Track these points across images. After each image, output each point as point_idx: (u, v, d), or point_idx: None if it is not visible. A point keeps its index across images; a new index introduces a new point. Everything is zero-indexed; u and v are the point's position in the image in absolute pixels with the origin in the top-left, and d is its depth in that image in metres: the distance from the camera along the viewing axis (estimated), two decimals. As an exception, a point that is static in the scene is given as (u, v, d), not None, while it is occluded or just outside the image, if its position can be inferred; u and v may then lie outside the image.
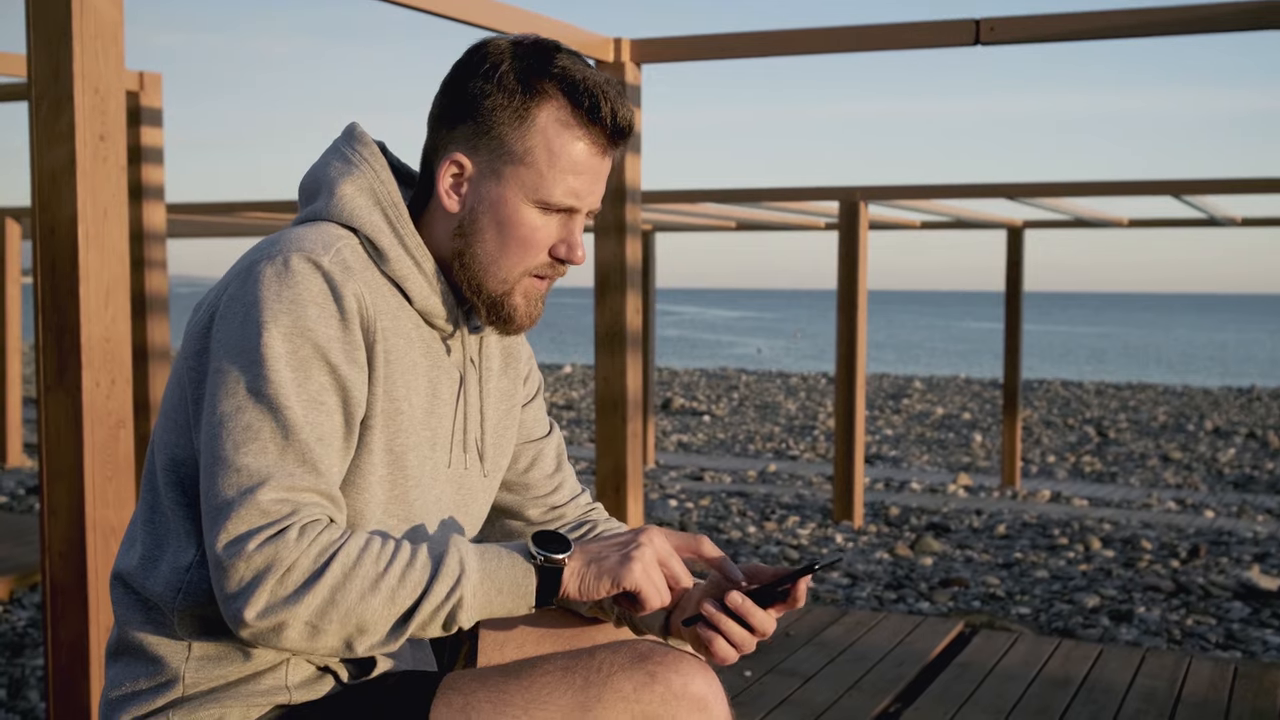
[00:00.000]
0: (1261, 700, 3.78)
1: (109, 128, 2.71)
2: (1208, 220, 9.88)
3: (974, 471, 12.33)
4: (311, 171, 1.64)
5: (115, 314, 2.74)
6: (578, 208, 1.59)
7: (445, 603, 1.43)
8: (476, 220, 1.59)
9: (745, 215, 10.07)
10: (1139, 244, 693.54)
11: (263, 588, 1.37)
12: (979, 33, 4.13)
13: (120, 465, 2.78)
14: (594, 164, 1.58)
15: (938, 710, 3.67)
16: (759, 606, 1.57)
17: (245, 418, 1.42)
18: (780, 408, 18.86)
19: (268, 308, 1.45)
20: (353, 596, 1.39)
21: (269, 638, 1.40)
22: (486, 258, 1.59)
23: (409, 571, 1.42)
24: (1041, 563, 6.96)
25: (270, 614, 1.38)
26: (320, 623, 1.39)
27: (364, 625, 1.40)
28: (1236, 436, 15.97)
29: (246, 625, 1.39)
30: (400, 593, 1.41)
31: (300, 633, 1.39)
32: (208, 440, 1.43)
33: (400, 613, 1.41)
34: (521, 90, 1.55)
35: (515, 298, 1.61)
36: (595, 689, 1.46)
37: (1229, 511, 9.69)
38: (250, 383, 1.43)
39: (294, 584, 1.38)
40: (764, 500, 9.33)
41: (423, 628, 1.43)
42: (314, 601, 1.38)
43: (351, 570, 1.40)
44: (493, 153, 1.56)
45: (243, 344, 1.44)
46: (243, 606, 1.38)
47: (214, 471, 1.42)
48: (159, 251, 5.93)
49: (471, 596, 1.44)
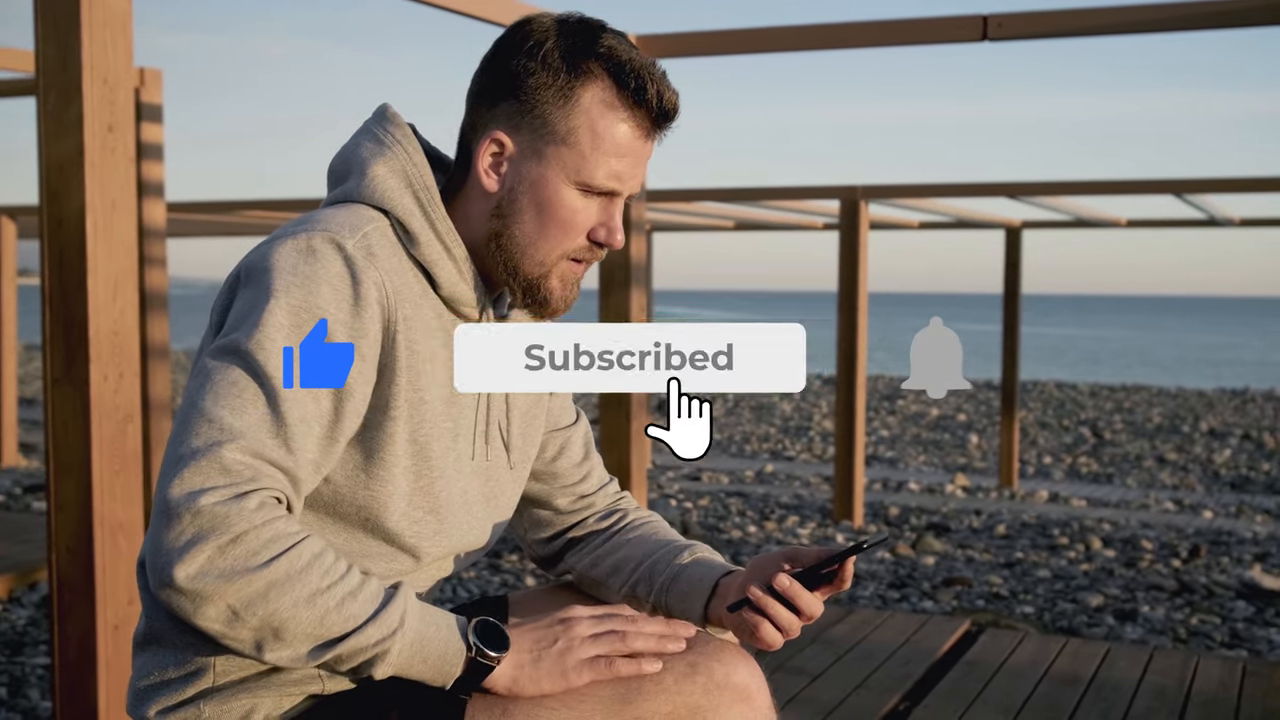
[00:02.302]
0: (1272, 699, 3.77)
1: (118, 119, 2.69)
2: (1207, 220, 9.88)
3: (971, 472, 12.32)
4: (341, 152, 1.61)
5: (124, 307, 2.72)
6: (619, 191, 1.56)
7: (371, 649, 1.38)
8: (516, 200, 1.56)
9: (743, 214, 10.06)
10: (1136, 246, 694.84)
11: (202, 549, 1.31)
12: (987, 28, 4.12)
13: (128, 459, 2.75)
14: (637, 147, 1.55)
15: (947, 708, 3.65)
16: (805, 589, 1.55)
17: (232, 374, 1.39)
18: (776, 409, 18.84)
19: (281, 279, 1.42)
20: (287, 601, 1.33)
21: (182, 604, 1.32)
22: (525, 239, 1.56)
23: (349, 601, 1.37)
24: (1043, 562, 6.95)
25: (200, 579, 1.31)
26: (243, 613, 1.32)
27: (283, 633, 1.34)
28: (1232, 438, 15.98)
29: (170, 585, 1.31)
30: (332, 617, 1.36)
31: (218, 613, 1.32)
32: (190, 389, 1.40)
33: (325, 638, 1.36)
34: (566, 69, 1.52)
35: (552, 281, 1.58)
36: (636, 680, 1.43)
37: (1227, 512, 9.69)
38: (239, 352, 1.40)
39: (234, 561, 1.32)
40: (763, 500, 9.31)
41: (337, 662, 1.38)
42: (247, 589, 1.32)
43: (297, 574, 1.34)
44: (535, 132, 1.53)
45: (249, 309, 1.42)
46: (173, 562, 1.31)
47: (187, 417, 1.37)
48: (159, 249, 5.91)
49: (397, 655, 1.39)
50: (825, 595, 1.58)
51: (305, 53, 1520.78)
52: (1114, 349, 53.40)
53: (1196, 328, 78.61)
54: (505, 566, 6.39)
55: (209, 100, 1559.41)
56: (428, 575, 1.64)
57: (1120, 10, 3.94)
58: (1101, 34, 3.97)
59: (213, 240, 13.50)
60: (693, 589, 1.70)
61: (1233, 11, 3.75)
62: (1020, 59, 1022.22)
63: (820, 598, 1.57)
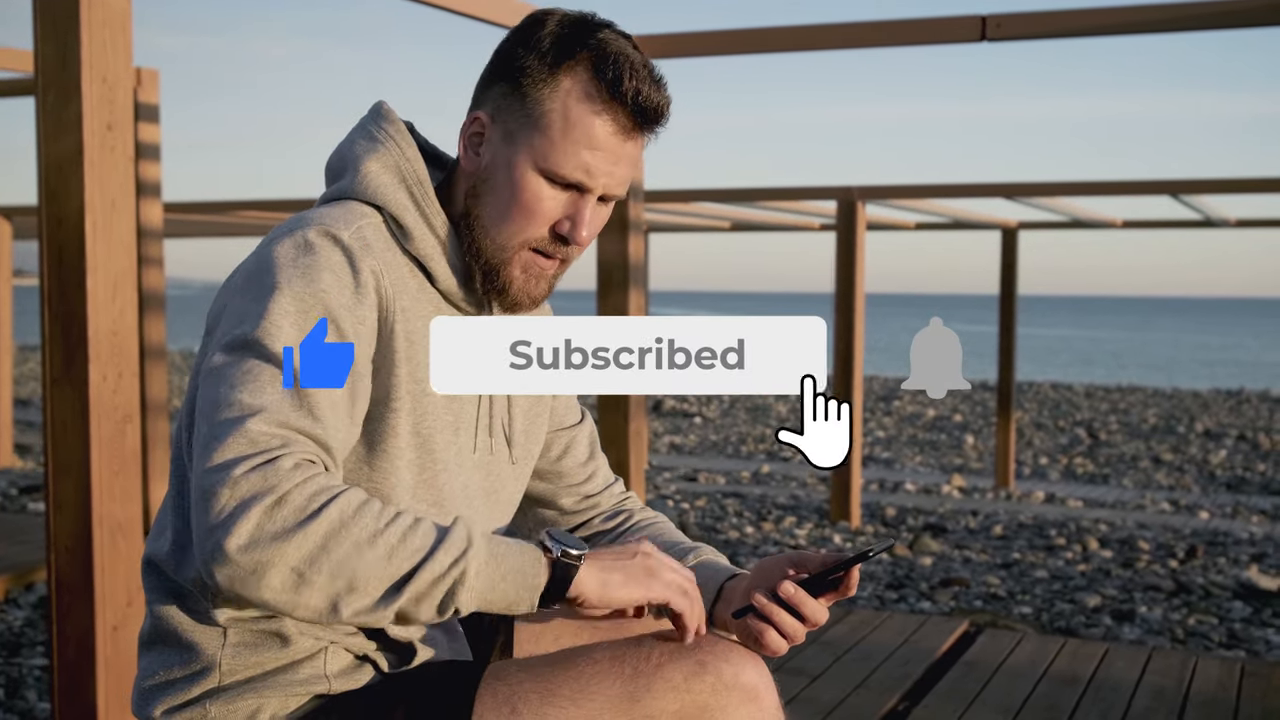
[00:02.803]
0: (1271, 699, 3.77)
1: (117, 118, 2.68)
2: (1203, 221, 9.89)
3: (967, 473, 12.32)
4: (338, 150, 1.61)
5: (123, 307, 2.71)
6: (588, 186, 1.52)
7: (446, 575, 1.31)
8: (487, 180, 1.54)
9: (740, 215, 10.05)
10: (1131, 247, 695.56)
11: (248, 516, 1.26)
12: (985, 29, 4.11)
13: (127, 460, 2.74)
14: (612, 143, 1.51)
15: (946, 708, 3.65)
16: (810, 596, 1.54)
17: (245, 364, 1.36)
18: (772, 410, 18.84)
19: (283, 272, 1.41)
20: (348, 546, 1.28)
21: (246, 582, 1.26)
22: (489, 220, 1.54)
23: (411, 534, 1.32)
24: (1040, 563, 6.95)
25: (254, 549, 1.25)
26: (308, 571, 1.26)
27: (356, 583, 1.28)
28: (1227, 438, 15.99)
29: (226, 560, 1.25)
30: (400, 552, 1.30)
31: (283, 580, 1.26)
32: (204, 387, 1.38)
33: (397, 576, 1.29)
34: (553, 56, 1.50)
35: (513, 269, 1.55)
36: (645, 678, 1.42)
37: (1223, 512, 9.69)
38: (249, 343, 1.38)
39: (285, 521, 1.26)
40: (759, 501, 9.31)
41: (416, 601, 1.31)
42: (306, 544, 1.26)
43: (350, 519, 1.29)
44: (513, 114, 1.52)
45: (252, 304, 1.40)
46: (224, 537, 1.25)
47: (206, 412, 1.35)
48: (155, 249, 5.90)
49: (475, 575, 1.33)
50: (830, 601, 1.57)
51: (305, 53, 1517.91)
52: (1109, 350, 53.46)
53: (1191, 328, 78.71)
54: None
55: (207, 101, 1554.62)
56: None
57: (1119, 11, 3.94)
58: (1101, 34, 3.97)
59: (209, 241, 13.49)
60: None
61: (1234, 12, 3.75)
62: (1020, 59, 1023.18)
63: (825, 604, 1.56)
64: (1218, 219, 9.53)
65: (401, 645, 1.57)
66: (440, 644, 1.62)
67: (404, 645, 1.57)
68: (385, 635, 1.56)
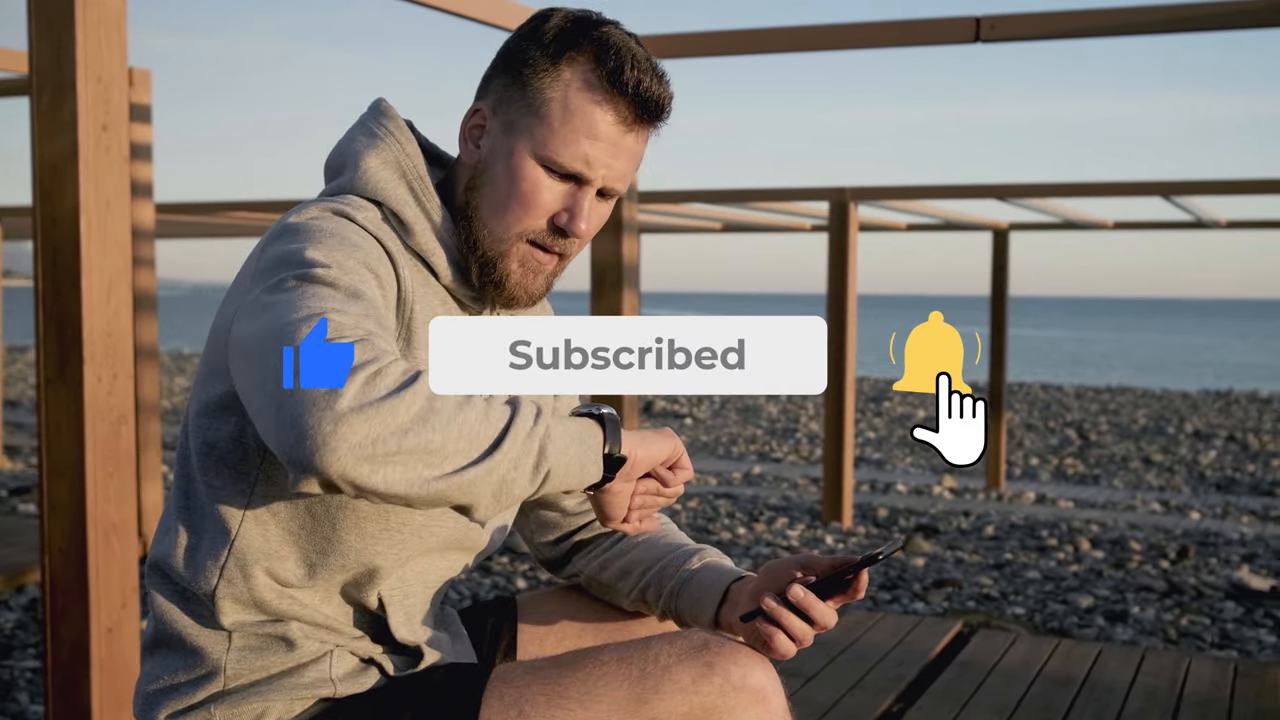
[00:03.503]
0: (1264, 699, 3.78)
1: (112, 118, 2.67)
2: (1193, 223, 9.91)
3: (958, 474, 12.33)
4: (337, 147, 1.60)
5: (118, 308, 2.70)
6: (587, 177, 1.51)
7: (535, 430, 1.31)
8: (487, 171, 1.54)
9: (731, 216, 10.05)
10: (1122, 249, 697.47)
11: (353, 380, 1.21)
12: (979, 30, 4.11)
13: (121, 461, 2.74)
14: (612, 134, 1.50)
15: (941, 709, 3.65)
16: (819, 599, 1.54)
17: (303, 287, 1.31)
18: (762, 410, 18.85)
19: (309, 233, 1.39)
20: (450, 405, 1.25)
21: (362, 447, 1.20)
22: (487, 211, 1.53)
23: (492, 401, 1.31)
24: (1032, 563, 6.96)
25: (365, 409, 1.21)
26: (417, 428, 1.23)
27: (461, 440, 1.25)
28: (1216, 439, 16.03)
29: (336, 417, 1.20)
30: (492, 413, 1.29)
31: (396, 439, 1.22)
32: (257, 318, 1.31)
33: (496, 432, 1.28)
34: (556, 47, 1.50)
35: (510, 263, 1.54)
36: (652, 680, 1.42)
37: (1214, 513, 9.71)
38: (297, 275, 1.33)
39: (388, 386, 1.23)
40: (751, 502, 9.31)
41: (515, 462, 1.29)
42: (414, 403, 1.23)
43: (435, 394, 1.27)
44: (514, 104, 1.52)
45: (282, 260, 1.37)
46: (332, 399, 1.20)
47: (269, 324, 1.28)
48: (147, 250, 5.88)
49: (556, 435, 1.33)
50: (839, 604, 1.57)
51: (297, 54, 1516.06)
52: (1099, 351, 53.56)
53: (1180, 329, 78.88)
54: (495, 568, 6.37)
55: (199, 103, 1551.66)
56: (433, 570, 1.62)
57: (1113, 12, 3.95)
58: (1094, 36, 3.97)
59: (198, 242, 13.46)
60: (703, 595, 1.69)
61: (1229, 14, 3.76)
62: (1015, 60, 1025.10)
63: (833, 606, 1.56)
64: (1208, 220, 9.55)
65: (407, 648, 1.56)
66: (445, 646, 1.61)
67: (409, 648, 1.56)
68: (391, 638, 1.55)
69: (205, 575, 1.48)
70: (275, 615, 1.50)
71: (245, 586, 1.48)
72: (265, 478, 1.47)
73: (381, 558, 1.52)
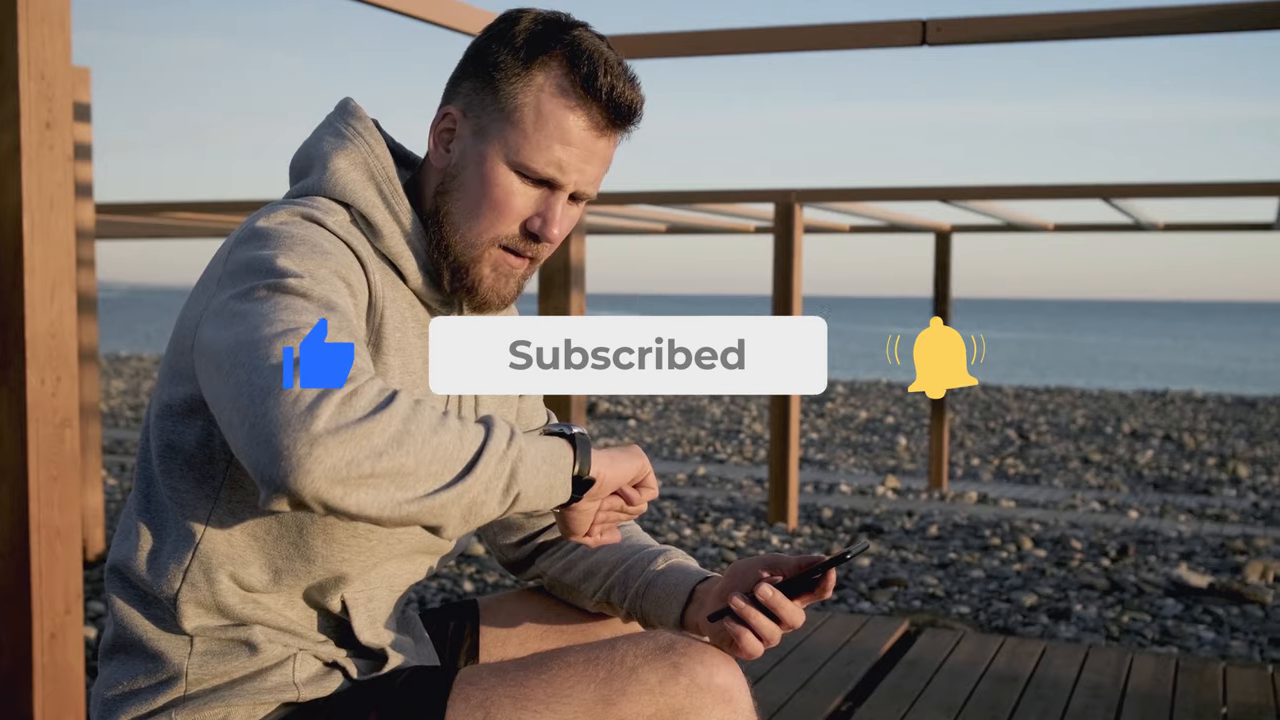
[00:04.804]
0: (1204, 693, 3.83)
1: (55, 115, 2.63)
2: (1132, 225, 10.04)
3: (900, 474, 12.42)
4: (304, 147, 1.58)
5: (61, 308, 2.66)
6: (560, 182, 1.51)
7: (508, 452, 1.30)
8: (457, 176, 1.52)
9: (676, 218, 10.06)
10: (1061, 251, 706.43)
11: (328, 402, 1.20)
12: (926, 33, 4.14)
13: (65, 465, 2.70)
14: (585, 139, 1.50)
15: (890, 708, 3.67)
16: (787, 599, 1.54)
17: (275, 297, 1.30)
18: (705, 412, 18.89)
19: (280, 244, 1.37)
20: (425, 428, 1.24)
21: (336, 470, 1.19)
22: (458, 216, 1.52)
23: (465, 422, 1.30)
24: (976, 563, 7.02)
25: (340, 431, 1.19)
26: (391, 450, 1.22)
27: (434, 463, 1.24)
28: (1153, 439, 16.26)
29: (311, 439, 1.18)
30: (466, 435, 1.28)
31: (369, 463, 1.21)
32: (226, 327, 1.29)
33: (469, 455, 1.27)
34: (527, 51, 1.49)
35: (483, 268, 1.53)
36: (619, 681, 1.41)
37: (1152, 511, 9.85)
38: (268, 285, 1.31)
39: (363, 409, 1.22)
40: (696, 503, 9.32)
41: (486, 485, 1.28)
42: (389, 426, 1.22)
43: (415, 407, 1.25)
44: (485, 109, 1.50)
45: (250, 274, 1.35)
46: (308, 420, 1.18)
47: (242, 336, 1.27)
48: (87, 250, 5.80)
49: (528, 457, 1.32)
50: (806, 604, 1.57)
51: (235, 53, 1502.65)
52: (1037, 352, 54.17)
53: (1116, 330, 79.96)
54: (442, 571, 6.34)
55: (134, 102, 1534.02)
56: (398, 573, 1.60)
57: (1059, 16, 3.99)
58: (1040, 40, 4.01)
59: (137, 243, 13.29)
60: (669, 596, 1.69)
61: (1170, 19, 3.81)
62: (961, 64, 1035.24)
63: (800, 605, 1.56)
64: (1147, 223, 9.68)
65: (371, 651, 1.55)
66: (408, 649, 1.60)
67: (373, 651, 1.55)
68: (354, 642, 1.54)
69: (168, 579, 1.46)
70: (238, 619, 1.48)
71: (209, 591, 1.46)
72: (231, 482, 1.45)
73: (348, 565, 1.51)
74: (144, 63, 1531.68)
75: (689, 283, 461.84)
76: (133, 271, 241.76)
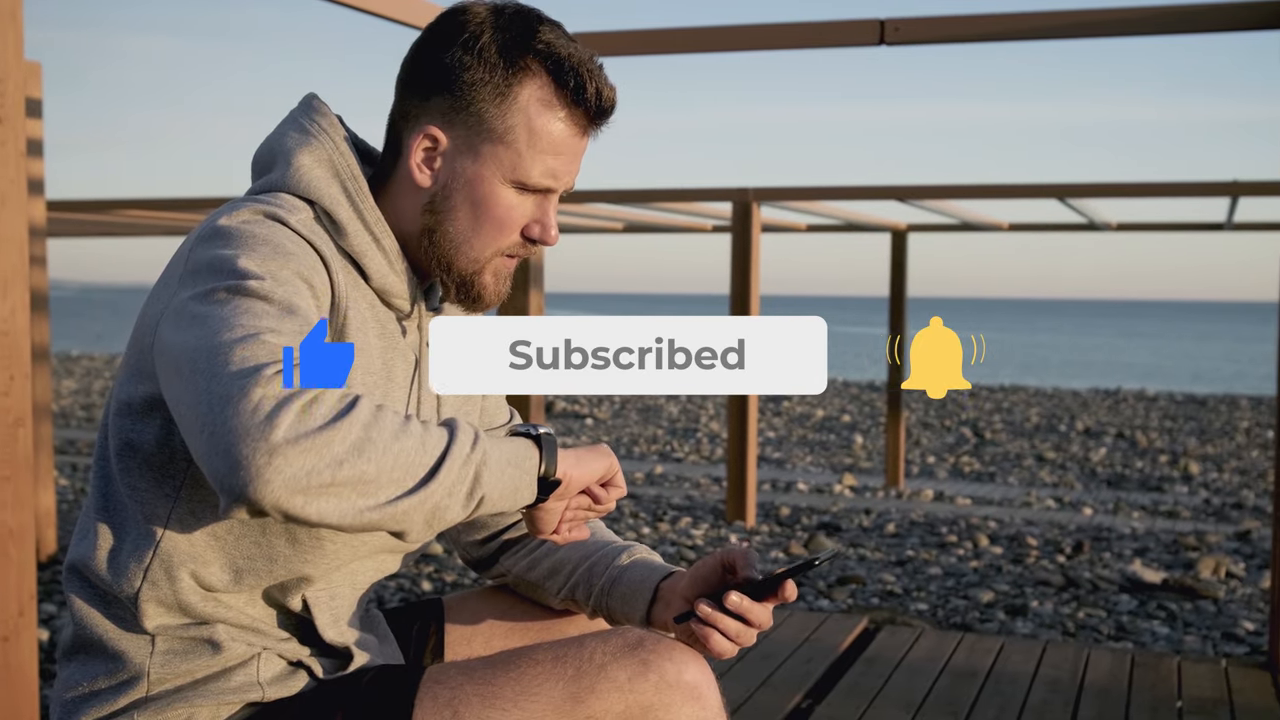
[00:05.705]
0: (1160, 688, 3.87)
1: (7, 111, 2.60)
2: (1086, 225, 10.13)
3: (857, 472, 12.48)
4: (266, 142, 1.56)
5: (15, 306, 2.64)
6: (554, 188, 1.54)
7: (471, 456, 1.29)
8: (450, 197, 1.52)
9: (633, 216, 10.06)
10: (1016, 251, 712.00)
11: (288, 410, 1.19)
12: (884, 33, 4.15)
13: (19, 465, 2.67)
14: (573, 144, 1.52)
15: (849, 705, 3.69)
16: (755, 603, 1.55)
17: (235, 300, 1.28)
18: (662, 410, 18.91)
19: (242, 244, 1.36)
20: (387, 434, 1.23)
21: (296, 479, 1.18)
22: (459, 236, 1.52)
23: (428, 426, 1.29)
24: (933, 560, 7.06)
25: (300, 441, 1.18)
26: (353, 458, 1.21)
27: (395, 470, 1.24)
28: (1106, 436, 16.42)
29: (270, 449, 1.17)
30: (429, 440, 1.27)
31: (331, 471, 1.20)
32: (187, 330, 1.28)
33: (432, 460, 1.26)
34: (504, 65, 1.48)
35: (485, 276, 1.55)
36: (588, 679, 1.41)
37: (1105, 509, 9.94)
38: (229, 287, 1.30)
39: (324, 416, 1.20)
40: (654, 502, 9.33)
41: (449, 490, 1.27)
42: (349, 433, 1.21)
43: (377, 414, 1.25)
44: (470, 129, 1.49)
45: (210, 275, 1.34)
46: (267, 430, 1.17)
47: (204, 341, 1.25)
48: (39, 248, 5.73)
49: (491, 459, 1.32)
50: (772, 605, 1.58)
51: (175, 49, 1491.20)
52: (991, 351, 54.56)
53: (1069, 329, 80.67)
54: (400, 570, 6.31)
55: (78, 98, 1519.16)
56: (362, 572, 1.59)
57: (1016, 17, 4.02)
58: (997, 40, 4.03)
59: (87, 241, 13.16)
60: (634, 592, 1.69)
61: (1125, 20, 3.84)
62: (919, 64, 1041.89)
63: (768, 607, 1.57)
64: (1100, 223, 9.77)
65: (335, 650, 1.53)
66: (373, 648, 1.59)
67: (338, 650, 1.54)
68: (319, 640, 1.52)
69: (128, 578, 1.44)
70: (200, 618, 1.46)
71: (170, 589, 1.44)
72: (192, 481, 1.43)
73: (312, 565, 1.50)
74: (101, 61, 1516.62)
75: (647, 282, 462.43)
76: (84, 270, 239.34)
